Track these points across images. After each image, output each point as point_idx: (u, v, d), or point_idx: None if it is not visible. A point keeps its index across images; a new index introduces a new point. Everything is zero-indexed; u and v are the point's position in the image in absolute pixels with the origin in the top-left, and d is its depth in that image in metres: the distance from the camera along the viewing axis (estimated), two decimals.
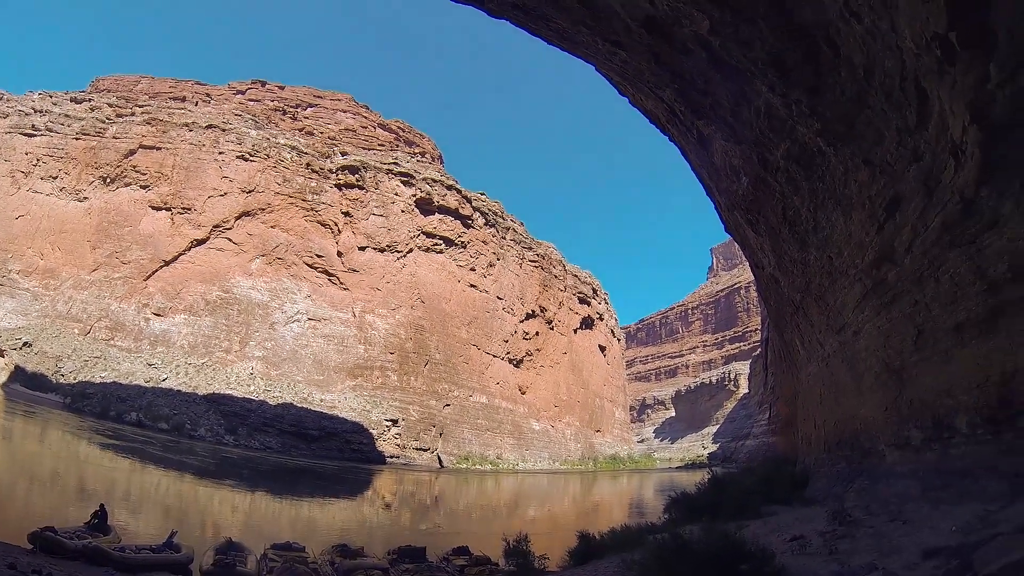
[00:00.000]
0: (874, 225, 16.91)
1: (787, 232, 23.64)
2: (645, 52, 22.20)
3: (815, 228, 21.08)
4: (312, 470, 65.43)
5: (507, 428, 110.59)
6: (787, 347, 33.31)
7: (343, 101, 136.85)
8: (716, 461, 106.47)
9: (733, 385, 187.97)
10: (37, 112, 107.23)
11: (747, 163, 23.36)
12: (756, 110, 19.90)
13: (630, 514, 52.76)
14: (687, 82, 22.37)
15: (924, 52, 11.34)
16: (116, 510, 27.66)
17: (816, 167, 18.74)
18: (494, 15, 27.11)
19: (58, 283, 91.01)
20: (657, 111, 28.24)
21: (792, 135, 18.87)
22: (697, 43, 19.23)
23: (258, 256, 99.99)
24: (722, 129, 23.42)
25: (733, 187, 26.26)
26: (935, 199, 13.63)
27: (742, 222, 28.09)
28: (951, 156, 12.39)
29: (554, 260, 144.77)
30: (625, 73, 26.13)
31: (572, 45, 26.45)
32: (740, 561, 11.44)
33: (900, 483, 16.56)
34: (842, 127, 16.25)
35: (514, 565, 22.44)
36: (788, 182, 21.01)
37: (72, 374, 75.06)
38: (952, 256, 13.52)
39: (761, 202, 24.36)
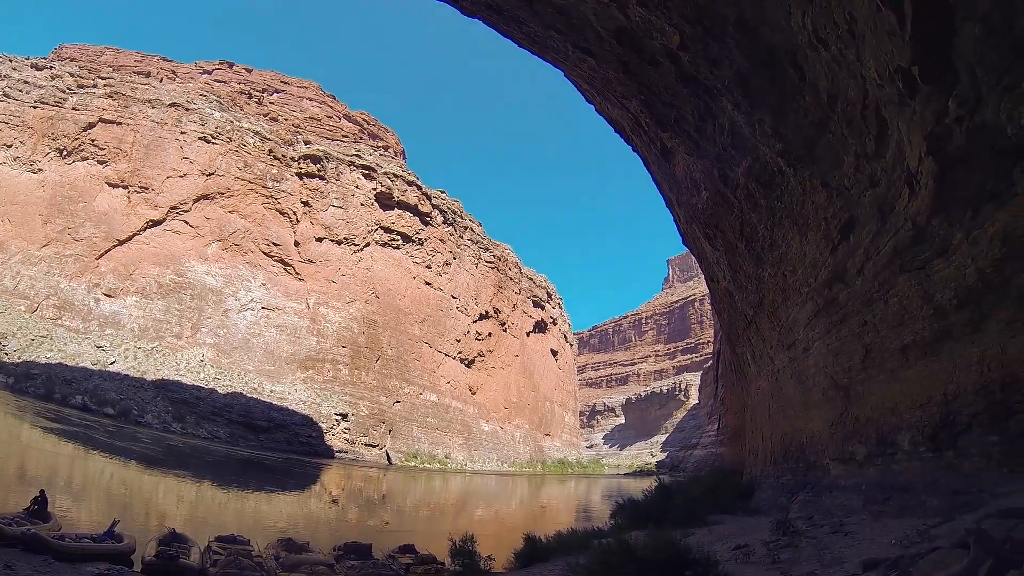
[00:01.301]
0: (828, 246, 17.40)
1: (743, 248, 24.09)
2: (615, 62, 22.45)
3: (771, 245, 21.54)
4: (260, 462, 64.60)
5: (456, 428, 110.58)
6: (738, 360, 33.89)
7: (310, 89, 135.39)
8: (664, 469, 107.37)
9: (683, 395, 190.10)
10: None
11: (708, 178, 23.77)
12: (720, 127, 20.29)
13: (577, 518, 53.07)
14: (654, 94, 22.67)
15: (887, 83, 11.74)
16: (57, 497, 27.14)
17: (775, 186, 19.15)
18: (467, 14, 27.20)
19: (6, 257, 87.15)
20: (622, 120, 28.57)
21: (754, 153, 19.27)
22: (666, 57, 19.54)
23: (214, 241, 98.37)
24: (685, 143, 23.79)
25: (693, 200, 26.67)
26: (888, 224, 14.10)
27: (700, 235, 28.51)
28: (906, 184, 12.84)
29: (510, 262, 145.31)
30: (593, 81, 26.39)
31: (542, 49, 26.61)
32: (684, 568, 11.55)
33: (843, 496, 17.06)
34: (803, 149, 16.67)
35: (460, 565, 22.43)
36: (747, 199, 21.43)
37: (16, 353, 72.35)
38: (902, 280, 14.01)
39: (720, 217, 24.77)
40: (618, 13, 19.12)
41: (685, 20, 17.09)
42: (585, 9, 20.22)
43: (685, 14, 16.91)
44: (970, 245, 11.61)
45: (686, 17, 16.98)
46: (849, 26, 11.93)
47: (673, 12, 17.16)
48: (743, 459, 34.85)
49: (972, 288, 11.83)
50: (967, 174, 11.14)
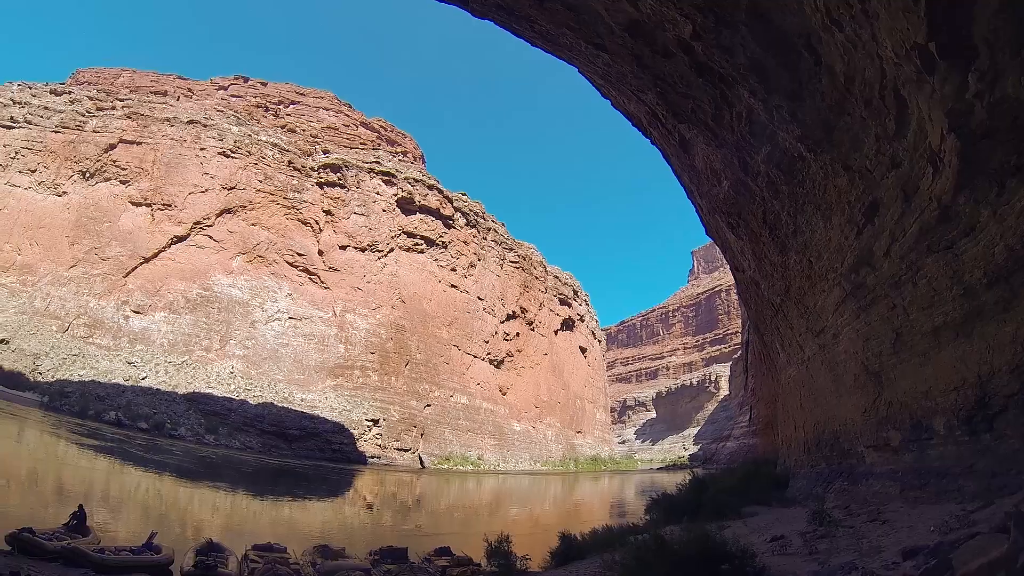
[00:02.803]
0: (853, 230, 17.13)
1: (767, 236, 23.81)
2: (628, 55, 22.25)
3: (795, 232, 21.27)
4: (293, 470, 64.96)
5: (488, 429, 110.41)
6: (767, 350, 33.58)
7: (326, 99, 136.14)
8: (697, 462, 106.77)
9: (714, 387, 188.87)
10: (16, 104, 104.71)
11: (728, 167, 23.50)
12: (737, 115, 20.04)
13: (611, 515, 52.66)
14: (669, 86, 22.45)
15: (904, 61, 11.52)
16: (95, 511, 27.43)
17: (797, 172, 18.89)
18: (477, 15, 27.07)
19: (36, 279, 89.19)
20: (639, 114, 28.32)
21: (773, 140, 19.03)
22: (680, 47, 19.33)
23: (239, 254, 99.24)
24: (704, 133, 23.53)
25: (714, 191, 26.39)
26: (913, 205, 13.85)
27: (723, 225, 28.23)
28: (929, 163, 12.60)
29: (535, 261, 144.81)
30: (608, 76, 26.20)
31: (555, 47, 26.46)
32: (721, 561, 11.48)
33: (879, 484, 16.79)
34: (822, 133, 16.43)
35: (496, 566, 22.45)
36: (769, 186, 21.17)
37: (50, 372, 73.82)
38: (929, 261, 13.75)
39: (742, 206, 24.51)
40: (628, 6, 18.96)
41: (696, 9, 16.90)
42: (595, 4, 20.10)
43: (696, 3, 16.73)
44: (997, 222, 11.37)
45: (697, 6, 16.79)
46: (863, 5, 11.70)
47: (684, 2, 16.98)
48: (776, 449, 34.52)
49: (1001, 266, 11.57)
50: (991, 149, 10.90)
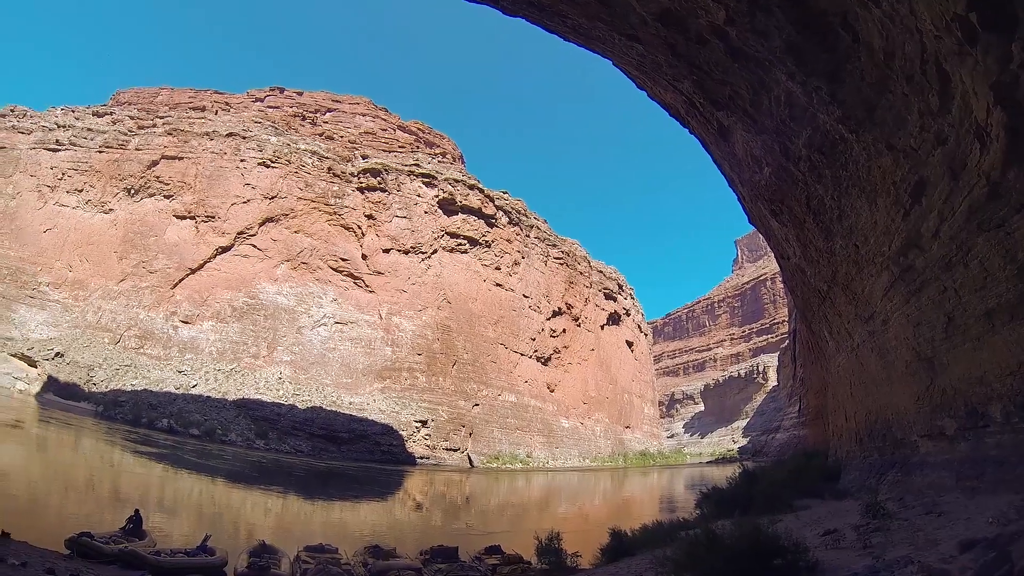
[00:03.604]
0: (899, 211, 16.64)
1: (811, 221, 23.36)
2: (661, 45, 22.00)
3: (840, 216, 20.80)
4: (343, 472, 65.58)
5: (536, 426, 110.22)
6: (815, 338, 32.97)
7: (362, 104, 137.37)
8: (746, 455, 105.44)
9: (762, 378, 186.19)
10: (60, 127, 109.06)
11: (769, 153, 23.11)
12: (776, 99, 19.67)
13: (661, 510, 52.28)
14: (705, 73, 22.15)
15: (944, 34, 11.11)
16: (150, 515, 27.98)
17: (839, 154, 18.46)
18: (509, 13, 27.02)
19: (87, 294, 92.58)
20: (676, 104, 28.01)
21: (813, 123, 18.63)
22: (713, 34, 19.04)
23: (283, 261, 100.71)
24: (742, 120, 23.18)
25: (755, 178, 25.99)
26: (961, 183, 13.36)
27: (766, 213, 27.79)
28: (976, 139, 12.14)
29: (579, 257, 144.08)
30: (643, 67, 25.94)
31: (588, 40, 26.27)
32: (773, 556, 11.24)
33: (934, 474, 16.30)
34: (863, 113, 15.99)
35: (546, 563, 22.52)
36: (811, 171, 20.74)
37: (104, 383, 76.23)
38: (980, 241, 13.26)
39: (784, 192, 24.09)
40: None
41: None
42: None
43: None
44: None
45: None
46: None
47: None
48: (827, 440, 33.83)
49: None
50: None
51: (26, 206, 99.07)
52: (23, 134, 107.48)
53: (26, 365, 74.58)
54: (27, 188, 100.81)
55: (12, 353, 75.80)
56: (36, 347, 78.80)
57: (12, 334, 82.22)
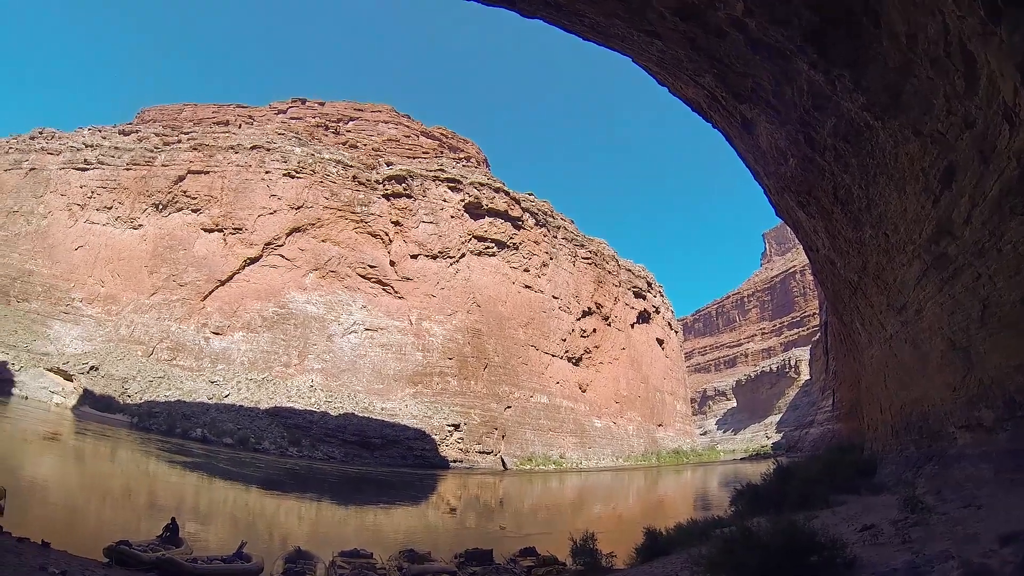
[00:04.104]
0: (929, 198, 16.30)
1: (839, 212, 23.01)
2: (680, 39, 21.83)
3: (868, 205, 20.45)
4: (376, 478, 65.83)
5: (569, 427, 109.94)
6: (847, 330, 32.47)
7: (384, 112, 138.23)
8: (780, 451, 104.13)
9: (794, 372, 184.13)
10: (88, 147, 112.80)
11: (793, 144, 22.81)
12: (799, 89, 19.41)
13: (695, 508, 51.94)
14: (726, 66, 21.93)
15: (967, 13, 10.84)
16: (186, 523, 28.33)
17: (865, 142, 18.16)
18: (526, 15, 26.97)
19: (119, 308, 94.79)
20: (698, 98, 27.78)
21: (837, 111, 18.36)
22: (732, 26, 18.84)
23: (311, 270, 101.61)
24: (765, 111, 22.91)
25: (781, 169, 25.69)
26: (991, 166, 13.04)
27: (793, 205, 27.46)
28: (1005, 120, 11.83)
29: (607, 256, 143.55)
30: (663, 62, 25.76)
31: (607, 38, 26.12)
32: (810, 553, 11.11)
33: (972, 466, 15.93)
34: (888, 99, 15.71)
35: (581, 564, 22.46)
36: (837, 160, 20.44)
37: (138, 394, 77.79)
38: (1014, 225, 12.92)
39: (811, 183, 23.78)
40: None
41: None
42: None
43: None
44: None
45: None
46: None
47: None
48: (862, 434, 33.25)
49: None
50: None
51: (57, 224, 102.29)
52: (52, 155, 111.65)
53: (62, 379, 76.35)
54: (58, 207, 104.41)
55: (48, 368, 77.66)
56: (71, 361, 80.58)
57: (48, 349, 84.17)
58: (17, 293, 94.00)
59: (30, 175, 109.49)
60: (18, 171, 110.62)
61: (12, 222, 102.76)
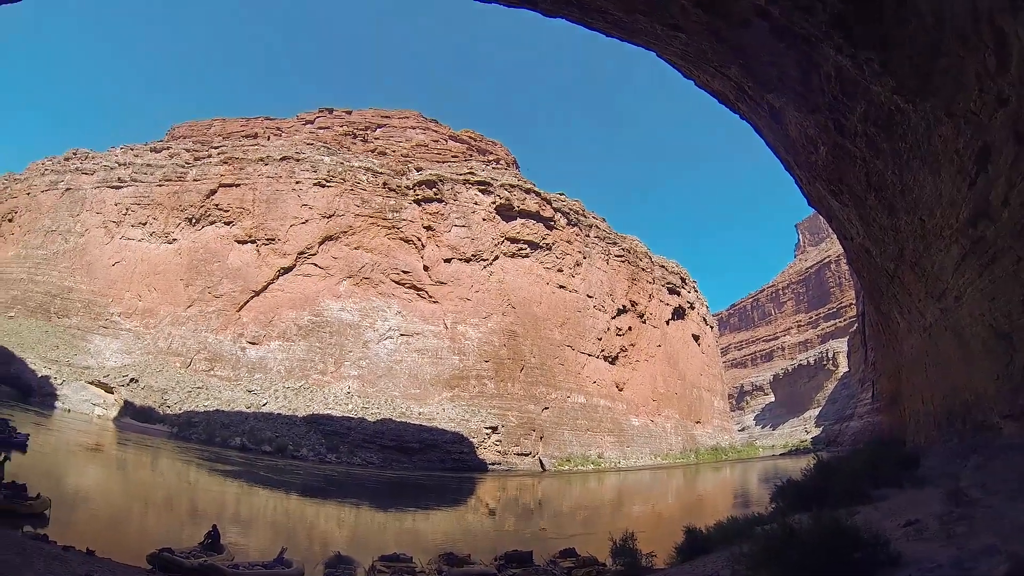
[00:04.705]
0: (965, 180, 15.88)
1: (873, 198, 22.60)
2: (704, 31, 21.65)
3: (902, 191, 20.03)
4: (414, 482, 65.98)
5: (607, 426, 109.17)
6: (885, 319, 31.89)
7: (411, 118, 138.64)
8: (820, 445, 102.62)
9: (832, 364, 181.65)
10: (121, 165, 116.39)
11: (823, 132, 22.47)
12: (826, 75, 19.12)
13: (735, 505, 51.36)
14: (751, 56, 21.70)
15: None
16: (227, 530, 28.72)
17: (896, 126, 17.77)
18: (549, 15, 27.03)
19: (157, 321, 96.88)
20: (725, 90, 27.53)
21: (867, 96, 18.00)
22: (756, 15, 18.60)
23: (345, 278, 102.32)
24: (793, 100, 22.62)
25: (812, 158, 25.33)
26: None
27: (825, 193, 27.06)
28: None
29: (640, 253, 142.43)
30: (687, 55, 25.56)
31: (630, 34, 26.01)
32: (853, 549, 10.83)
33: (1019, 457, 15.47)
34: (918, 81, 15.33)
35: (621, 564, 22.37)
36: (868, 146, 20.06)
37: (177, 405, 79.23)
38: None
39: (843, 170, 23.41)
40: None
41: None
42: None
43: None
44: None
45: None
46: None
47: None
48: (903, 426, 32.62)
49: None
50: None
51: (94, 242, 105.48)
52: (87, 175, 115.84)
53: (103, 392, 78.07)
54: (94, 225, 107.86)
55: (90, 381, 79.54)
56: (112, 374, 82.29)
57: (88, 363, 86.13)
58: (57, 309, 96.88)
59: (66, 195, 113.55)
60: (55, 192, 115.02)
61: (51, 241, 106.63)
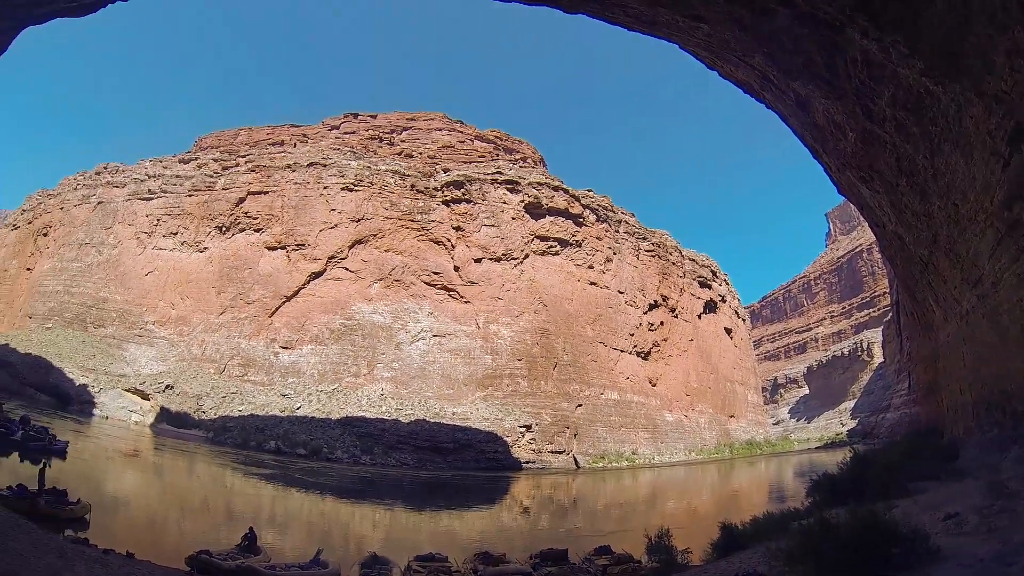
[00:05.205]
0: (998, 162, 15.47)
1: (904, 184, 22.16)
2: (726, 21, 21.44)
3: (934, 175, 19.60)
4: (449, 482, 66.09)
5: (640, 422, 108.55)
6: (920, 308, 31.30)
7: (436, 120, 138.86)
8: (856, 438, 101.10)
9: (867, 355, 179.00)
10: (151, 177, 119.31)
11: (851, 118, 22.10)
12: (852, 60, 18.79)
13: (771, 501, 50.67)
14: (775, 44, 21.39)
15: None
16: (264, 532, 28.96)
17: (926, 109, 17.40)
18: (569, 11, 26.96)
19: (190, 329, 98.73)
20: (749, 79, 27.24)
21: (894, 80, 17.64)
22: (779, 2, 18.33)
23: (376, 281, 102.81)
24: (820, 87, 22.25)
25: (840, 145, 24.94)
26: None
27: (855, 181, 26.63)
28: None
29: (670, 247, 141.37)
30: (710, 46, 25.33)
31: (652, 27, 25.83)
32: (892, 544, 10.63)
33: None
34: (947, 61, 14.97)
35: (657, 561, 22.35)
36: (898, 130, 19.66)
37: (212, 410, 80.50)
38: None
39: (872, 156, 22.99)
40: None
41: None
42: None
43: None
44: None
45: None
46: None
47: None
48: (941, 416, 31.98)
49: None
50: None
51: (127, 253, 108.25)
52: (118, 188, 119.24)
53: (140, 399, 79.59)
54: (126, 236, 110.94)
55: (126, 388, 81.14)
56: (148, 381, 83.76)
57: (125, 371, 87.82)
58: (93, 320, 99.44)
59: (98, 208, 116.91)
60: (87, 205, 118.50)
61: (85, 253, 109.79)
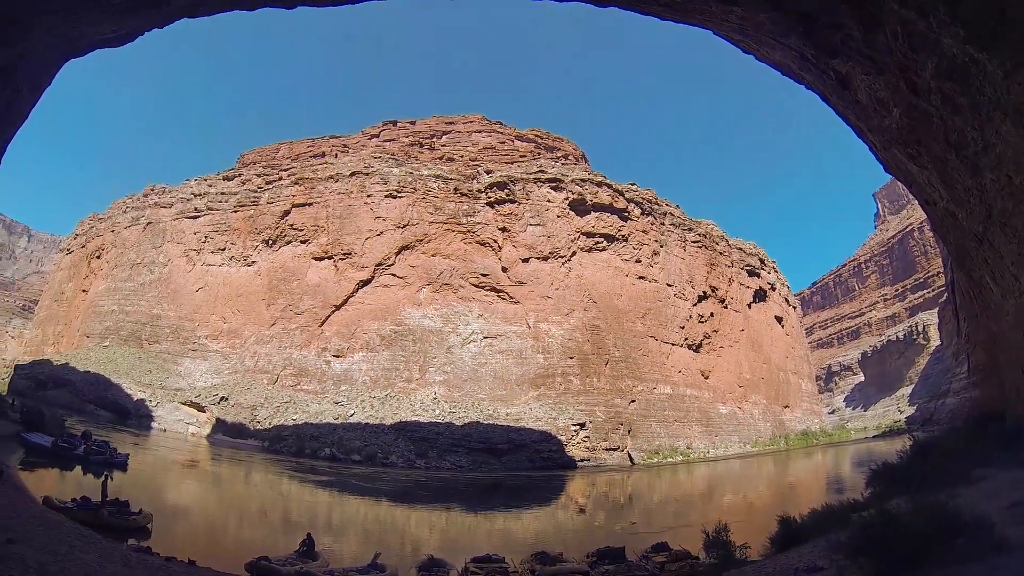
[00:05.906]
0: None
1: (954, 158, 21.40)
2: (759, 1, 20.88)
3: (984, 147, 18.86)
4: (504, 483, 66.30)
5: (694, 416, 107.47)
6: (976, 287, 30.22)
7: (476, 122, 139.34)
8: (915, 425, 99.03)
9: (923, 338, 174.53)
10: (196, 196, 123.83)
11: (895, 93, 21.43)
12: (892, 32, 18.23)
13: (829, 492, 49.99)
14: (812, 21, 20.95)
15: None
16: (321, 537, 29.35)
17: (972, 78, 16.75)
18: (601, 4, 26.79)
19: (242, 341, 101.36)
20: (787, 61, 26.69)
21: (937, 50, 17.05)
22: None
23: (424, 286, 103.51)
24: (860, 63, 21.66)
25: (885, 122, 24.20)
26: None
27: (902, 158, 25.82)
28: None
29: (716, 237, 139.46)
30: (744, 30, 24.95)
31: (684, 15, 25.62)
32: (956, 534, 10.19)
33: None
34: (991, 26, 14.41)
35: (715, 557, 22.34)
36: (944, 103, 19.00)
37: (266, 420, 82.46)
38: None
39: (919, 131, 22.26)
40: None
41: None
42: None
43: None
44: None
45: None
46: None
47: None
48: (1004, 400, 30.89)
49: None
50: None
51: (178, 270, 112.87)
52: (165, 208, 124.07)
53: (196, 411, 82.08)
54: (176, 255, 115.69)
55: (182, 402, 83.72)
56: (203, 394, 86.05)
57: (180, 385, 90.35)
58: (148, 336, 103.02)
59: (148, 229, 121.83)
60: (137, 227, 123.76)
61: (137, 273, 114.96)
